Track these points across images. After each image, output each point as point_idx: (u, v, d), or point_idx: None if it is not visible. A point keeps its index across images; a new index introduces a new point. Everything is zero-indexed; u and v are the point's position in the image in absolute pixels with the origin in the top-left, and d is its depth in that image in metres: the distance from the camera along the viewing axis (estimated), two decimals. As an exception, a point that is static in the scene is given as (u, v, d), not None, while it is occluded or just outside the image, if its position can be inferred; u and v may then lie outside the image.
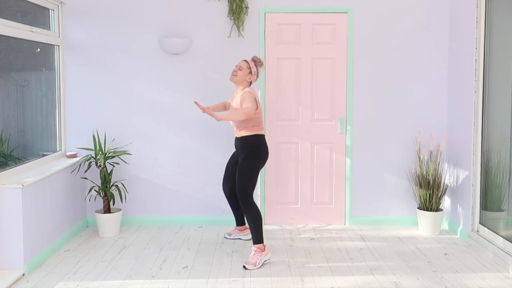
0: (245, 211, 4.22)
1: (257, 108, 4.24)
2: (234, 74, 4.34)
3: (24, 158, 4.69)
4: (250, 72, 4.36)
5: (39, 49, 4.96)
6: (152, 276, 3.93)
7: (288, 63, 5.24)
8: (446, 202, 5.25)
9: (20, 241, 3.92)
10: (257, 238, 4.17)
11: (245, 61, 4.41)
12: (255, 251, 4.14)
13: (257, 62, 4.41)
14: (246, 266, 4.07)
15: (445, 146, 5.18)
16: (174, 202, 5.33)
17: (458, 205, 4.98)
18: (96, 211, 4.99)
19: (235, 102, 4.33)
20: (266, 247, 4.21)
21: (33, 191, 4.10)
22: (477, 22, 4.59)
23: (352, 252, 4.49)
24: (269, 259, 4.22)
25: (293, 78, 5.24)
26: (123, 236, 4.96)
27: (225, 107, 4.77)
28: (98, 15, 5.16)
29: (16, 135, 4.73)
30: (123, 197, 5.15)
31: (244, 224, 4.83)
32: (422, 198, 5.01)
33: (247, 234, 4.81)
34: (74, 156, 5.11)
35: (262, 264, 4.13)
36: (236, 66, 4.38)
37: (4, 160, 4.48)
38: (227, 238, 4.84)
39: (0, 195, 3.88)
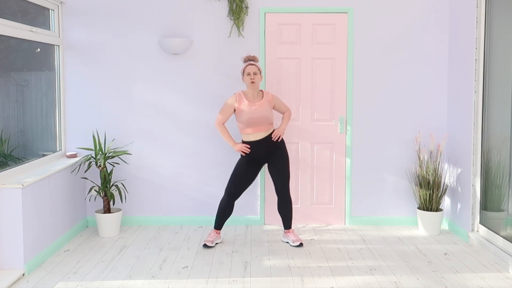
0: (290, 203, 4.72)
1: None
2: (253, 81, 4.55)
3: (24, 158, 4.69)
4: (260, 73, 4.63)
5: (39, 49, 4.96)
6: (152, 276, 3.93)
7: (288, 63, 5.24)
8: (446, 202, 5.25)
9: (20, 241, 3.92)
10: (291, 222, 4.78)
11: (253, 64, 4.58)
12: (293, 230, 4.76)
13: (254, 59, 4.65)
14: (302, 243, 4.64)
15: (445, 146, 5.18)
16: (174, 202, 5.33)
17: (458, 205, 4.98)
18: (96, 211, 4.99)
19: (262, 105, 4.55)
20: None
21: (33, 191, 4.10)
22: (477, 22, 4.59)
23: (352, 252, 4.49)
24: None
25: (293, 78, 5.24)
26: (123, 236, 4.96)
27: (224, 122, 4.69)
28: (98, 15, 5.16)
29: (16, 135, 4.73)
30: (123, 197, 5.15)
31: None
32: (422, 198, 5.01)
33: (221, 237, 4.78)
34: (74, 156, 5.11)
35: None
36: (250, 74, 4.53)
37: (4, 160, 4.48)
38: (210, 247, 4.60)
39: (0, 195, 3.88)
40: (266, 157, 4.66)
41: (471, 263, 4.19)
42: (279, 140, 4.64)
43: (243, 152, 4.60)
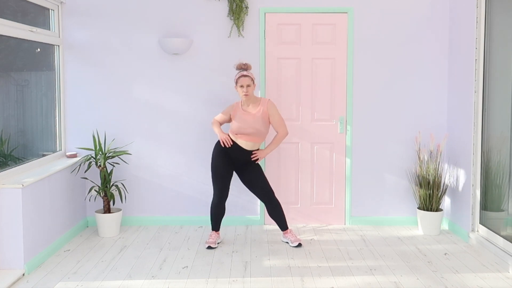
0: (278, 205, 4.66)
1: None
2: (246, 94, 4.50)
3: (24, 158, 4.69)
4: (254, 82, 4.57)
5: (39, 49, 4.97)
6: (152, 276, 3.93)
7: (288, 63, 5.24)
8: (446, 202, 5.25)
9: (20, 241, 3.92)
10: (286, 222, 4.72)
11: (246, 76, 4.51)
12: (291, 231, 4.73)
13: (247, 68, 4.60)
14: (301, 243, 4.63)
15: (445, 146, 5.18)
16: (174, 202, 5.33)
17: (458, 205, 4.98)
18: (96, 211, 4.99)
19: (255, 117, 4.51)
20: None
21: (33, 191, 4.10)
22: (477, 22, 4.59)
23: (352, 252, 4.49)
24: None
25: (293, 78, 5.24)
26: (123, 236, 4.96)
27: (220, 123, 4.73)
28: (98, 15, 5.16)
29: (16, 135, 4.73)
30: (123, 197, 5.15)
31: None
32: (422, 198, 5.01)
33: (220, 237, 4.80)
34: (74, 156, 5.11)
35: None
36: (243, 86, 4.48)
37: (4, 160, 4.48)
38: (214, 248, 4.60)
39: (0, 195, 3.88)
40: (237, 164, 4.63)
41: (471, 263, 4.19)
42: (256, 162, 4.63)
43: (224, 144, 4.54)
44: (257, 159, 4.61)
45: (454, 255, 4.39)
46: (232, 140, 4.57)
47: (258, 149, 4.64)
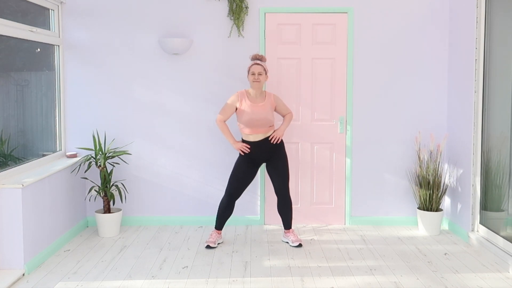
0: (290, 203, 4.71)
1: None
2: (256, 80, 4.51)
3: (24, 158, 4.69)
4: (266, 74, 4.60)
5: (39, 49, 4.97)
6: (152, 276, 3.93)
7: (288, 63, 5.24)
8: (446, 202, 5.25)
9: (20, 241, 3.92)
10: (291, 222, 4.77)
11: (259, 64, 4.53)
12: (293, 231, 4.74)
13: (261, 59, 4.61)
14: (302, 243, 4.64)
15: (445, 146, 5.18)
16: (174, 202, 5.33)
17: (458, 205, 4.98)
18: (96, 211, 4.99)
19: (264, 107, 4.55)
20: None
21: (33, 191, 4.10)
22: (477, 22, 4.59)
23: (352, 252, 4.49)
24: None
25: (293, 78, 5.24)
26: (123, 236, 4.96)
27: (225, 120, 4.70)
28: (98, 15, 5.16)
29: (16, 135, 4.73)
30: (123, 197, 5.15)
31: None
32: (422, 198, 5.01)
33: (222, 237, 4.78)
34: (74, 156, 5.11)
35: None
36: (254, 74, 4.50)
37: (4, 160, 4.48)
38: (212, 247, 4.62)
39: (0, 195, 3.88)
40: (265, 157, 4.65)
41: (471, 263, 4.19)
42: (278, 142, 4.63)
43: (242, 152, 4.59)
44: (277, 139, 4.60)
45: (454, 255, 4.39)
46: (248, 142, 4.58)
47: (273, 131, 4.64)
